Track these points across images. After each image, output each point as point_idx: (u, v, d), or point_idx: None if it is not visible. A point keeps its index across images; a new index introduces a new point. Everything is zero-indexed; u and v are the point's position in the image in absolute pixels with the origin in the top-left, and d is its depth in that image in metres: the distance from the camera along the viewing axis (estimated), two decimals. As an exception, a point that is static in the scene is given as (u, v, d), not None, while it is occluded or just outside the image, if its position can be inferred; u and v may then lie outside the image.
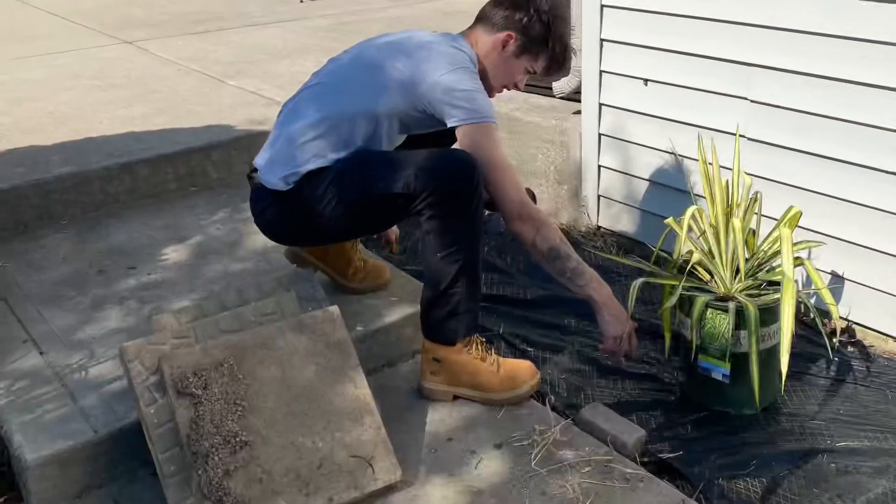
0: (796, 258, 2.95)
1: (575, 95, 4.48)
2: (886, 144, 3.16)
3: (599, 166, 4.29)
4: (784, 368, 2.71)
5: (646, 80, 3.96)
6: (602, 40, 4.11)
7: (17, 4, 8.73)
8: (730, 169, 3.27)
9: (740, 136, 3.46)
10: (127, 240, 3.85)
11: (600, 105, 4.19)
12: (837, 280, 3.44)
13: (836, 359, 3.31)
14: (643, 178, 4.09)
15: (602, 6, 4.05)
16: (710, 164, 3.21)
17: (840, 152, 3.31)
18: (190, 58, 6.33)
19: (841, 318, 3.42)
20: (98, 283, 3.49)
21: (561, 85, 4.56)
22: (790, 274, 2.79)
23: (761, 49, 3.47)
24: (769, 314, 2.90)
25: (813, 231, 3.43)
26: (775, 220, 3.25)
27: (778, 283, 2.92)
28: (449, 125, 2.88)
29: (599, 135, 4.23)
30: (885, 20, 3.05)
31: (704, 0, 3.61)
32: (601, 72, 4.15)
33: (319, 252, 3.36)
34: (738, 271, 3.04)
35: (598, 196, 4.34)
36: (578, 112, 4.39)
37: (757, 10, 3.43)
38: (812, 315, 3.18)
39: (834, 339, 3.34)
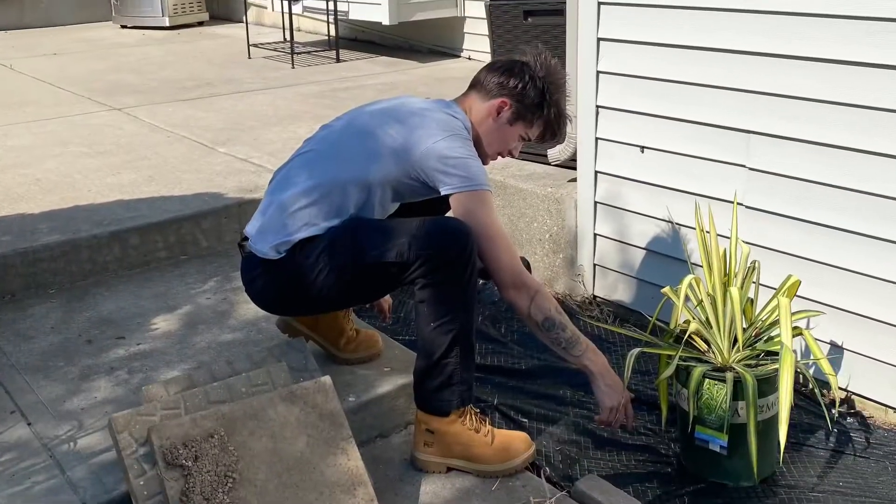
0: (795, 328, 2.98)
1: (570, 163, 4.50)
2: (886, 212, 3.20)
3: (595, 234, 4.31)
4: (783, 440, 2.73)
5: (642, 148, 3.99)
6: (598, 107, 4.14)
7: (3, 70, 8.80)
8: (728, 237, 3.31)
9: (738, 204, 3.50)
10: (116, 309, 3.87)
11: (596, 172, 4.23)
12: (837, 350, 3.46)
13: (836, 430, 3.33)
14: (640, 247, 4.11)
15: (598, 72, 4.10)
16: (707, 232, 3.25)
17: (839, 221, 3.34)
18: (179, 124, 6.37)
19: (840, 388, 3.45)
20: (87, 352, 3.50)
21: (556, 152, 4.58)
22: (789, 344, 2.82)
23: (760, 116, 3.50)
24: (767, 385, 2.92)
25: (812, 300, 3.45)
26: (774, 289, 3.28)
27: (776, 353, 2.94)
28: (443, 193, 2.91)
29: (595, 202, 4.26)
30: (886, 87, 3.10)
31: (702, 66, 3.66)
32: (597, 139, 4.19)
33: (311, 322, 3.38)
34: (735, 341, 3.06)
35: (594, 265, 4.36)
36: (574, 180, 4.42)
37: (756, 77, 3.48)
38: (811, 386, 3.20)
39: (833, 410, 3.36)
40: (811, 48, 3.28)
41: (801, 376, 3.43)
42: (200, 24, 11.96)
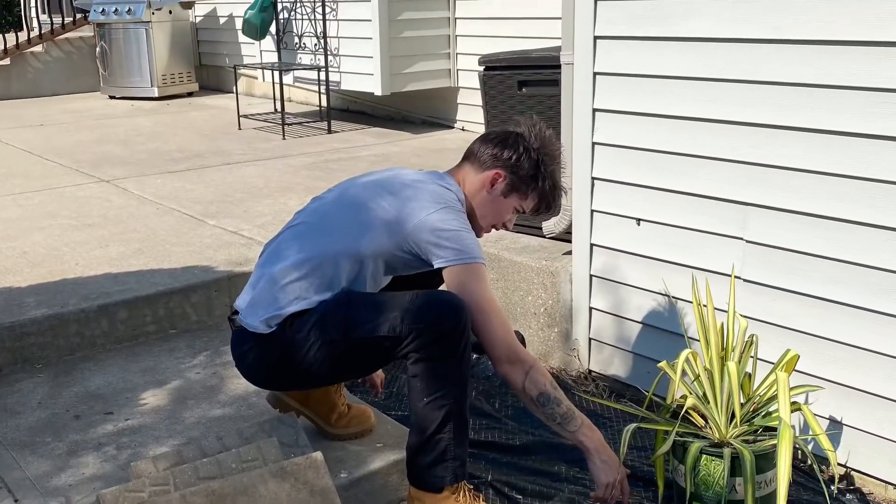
0: (793, 403, 3.00)
1: (565, 235, 4.53)
2: (885, 286, 3.23)
3: (590, 308, 4.34)
4: (781, 516, 2.75)
5: (638, 220, 4.03)
6: (593, 178, 4.18)
7: (-10, 142, 8.86)
8: (725, 311, 3.33)
9: (736, 277, 3.54)
10: (104, 384, 3.88)
11: (591, 245, 4.26)
12: (836, 425, 3.48)
13: (836, 507, 3.34)
14: (636, 321, 4.14)
15: (593, 143, 4.13)
16: (704, 306, 3.28)
17: (838, 294, 3.37)
18: (168, 196, 6.41)
19: (839, 464, 3.46)
20: (74, 428, 3.51)
21: (551, 224, 4.59)
22: (787, 419, 2.83)
23: (758, 188, 3.54)
24: (765, 461, 2.94)
25: (810, 375, 3.47)
26: (772, 363, 3.30)
27: (775, 429, 2.95)
28: (436, 266, 2.94)
29: (590, 276, 4.29)
30: (884, 158, 3.15)
31: (698, 137, 3.70)
32: (592, 211, 4.22)
33: (302, 396, 3.38)
34: (733, 416, 3.08)
35: (590, 339, 4.38)
36: (569, 252, 4.45)
37: (753, 148, 3.52)
38: (810, 461, 3.22)
39: (832, 487, 3.37)
40: (808, 119, 3.33)
41: (799, 452, 3.45)
42: (190, 94, 12.05)
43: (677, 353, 3.20)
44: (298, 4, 9.20)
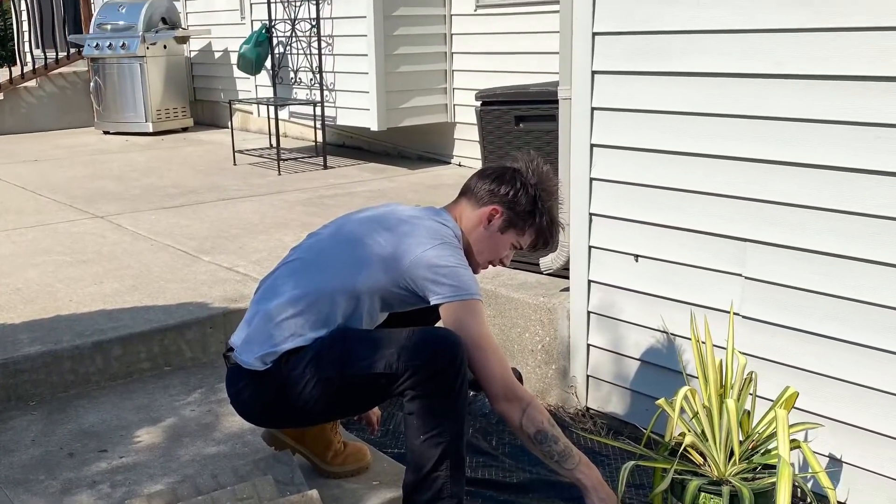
0: (793, 440, 3.01)
1: (563, 272, 4.53)
2: (885, 323, 3.23)
3: (588, 345, 4.34)
4: (781, 555, 2.75)
5: (636, 256, 4.03)
6: (591, 214, 4.18)
7: (-17, 178, 8.88)
8: (723, 348, 3.34)
9: (735, 314, 3.55)
10: (98, 421, 3.89)
11: (589, 282, 4.26)
12: (835, 463, 3.47)
13: (836, 546, 3.34)
14: (634, 358, 4.14)
15: (591, 179, 4.14)
16: (703, 343, 3.29)
17: (838, 331, 3.37)
18: (163, 232, 6.43)
19: (839, 502, 3.45)
20: (68, 466, 3.52)
21: (548, 261, 4.60)
22: (786, 457, 2.85)
23: (756, 224, 3.55)
24: (765, 499, 2.94)
25: (810, 412, 3.47)
26: (771, 400, 3.31)
27: (774, 467, 2.96)
28: (432, 302, 2.95)
29: (588, 313, 4.30)
30: (883, 194, 3.16)
31: (697, 173, 3.71)
32: (590, 247, 4.22)
33: (298, 434, 3.38)
34: (732, 454, 3.09)
35: (587, 376, 4.38)
36: (566, 289, 4.46)
37: (752, 184, 3.53)
38: (809, 500, 3.21)
39: (833, 525, 3.38)
40: (806, 154, 3.34)
41: (798, 490, 3.44)
42: (185, 129, 12.07)
43: (676, 390, 3.21)
44: (294, 39, 9.24)
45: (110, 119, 11.87)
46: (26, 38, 13.42)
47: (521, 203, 3.16)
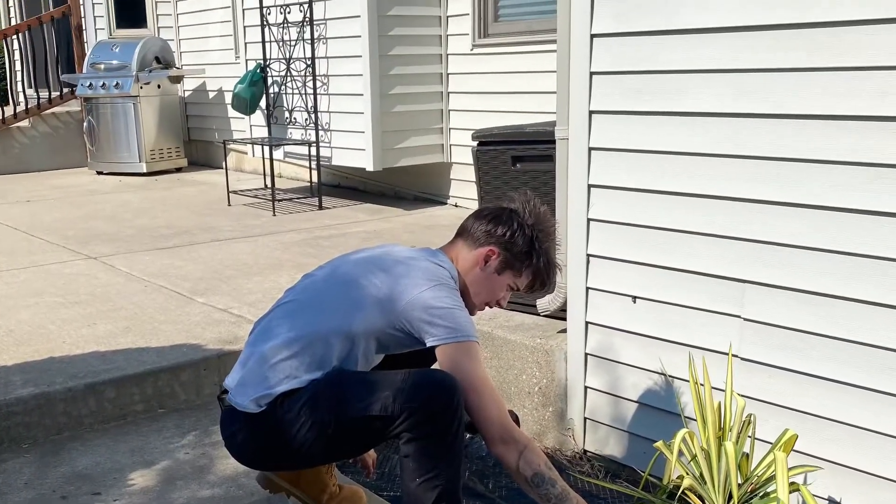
0: (792, 483, 3.01)
1: (560, 313, 4.52)
2: (885, 365, 3.24)
3: (586, 387, 4.33)
4: None
5: (634, 298, 4.03)
6: (589, 255, 4.17)
7: (-26, 219, 8.89)
8: (722, 390, 3.35)
9: (733, 355, 3.56)
10: (91, 464, 3.89)
11: (587, 323, 4.26)
12: (836, 507, 3.49)
13: (836, 590, 3.34)
14: (632, 400, 4.14)
15: (589, 220, 4.13)
16: (701, 385, 3.30)
17: (837, 373, 3.37)
18: (157, 274, 6.44)
19: (840, 546, 3.47)
20: (60, 510, 3.53)
21: (545, 302, 4.61)
22: (785, 500, 2.84)
23: (755, 265, 3.55)
24: (764, 542, 2.95)
25: (809, 455, 3.47)
26: (770, 443, 3.32)
27: (773, 510, 2.98)
28: (428, 344, 2.96)
29: (586, 354, 4.29)
30: (883, 235, 3.17)
31: (695, 213, 3.72)
32: (587, 288, 4.22)
33: (293, 477, 3.37)
34: (730, 497, 3.08)
35: (585, 418, 4.38)
36: (564, 331, 4.46)
37: (750, 224, 3.53)
38: (809, 543, 3.22)
39: (833, 569, 3.38)
40: (806, 195, 3.35)
41: (799, 534, 3.45)
42: (179, 170, 12.11)
43: (674, 432, 3.21)
44: (289, 78, 9.28)
45: (104, 159, 11.92)
46: (19, 77, 13.47)
47: (518, 244, 3.17)
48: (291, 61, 9.22)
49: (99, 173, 11.98)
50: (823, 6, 3.19)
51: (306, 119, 9.12)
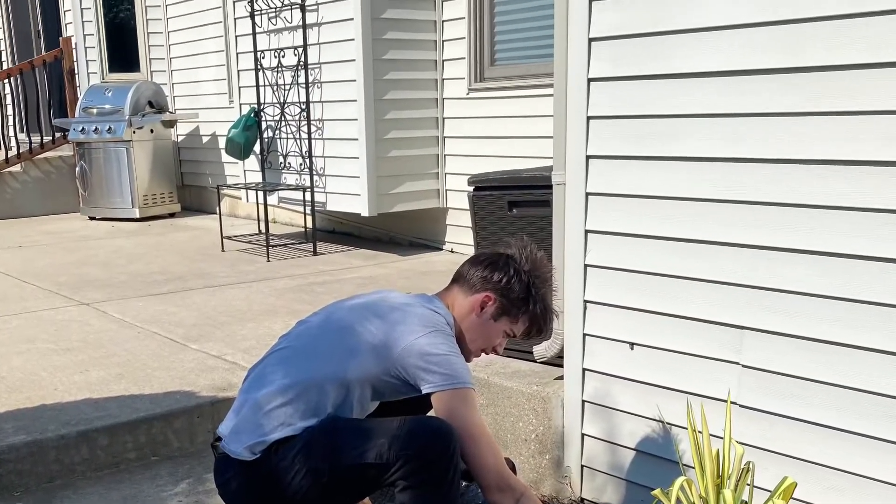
0: (791, 531, 3.02)
1: (557, 360, 4.50)
2: (886, 412, 3.24)
3: (583, 435, 4.33)
4: None
5: (632, 344, 4.03)
6: (586, 301, 4.17)
7: (-35, 265, 8.90)
8: (721, 437, 3.36)
9: (732, 402, 3.56)
10: (83, 512, 3.90)
11: (584, 370, 4.25)
12: (836, 555, 3.48)
13: None
14: (629, 448, 4.13)
15: (586, 266, 4.13)
16: (699, 432, 3.30)
17: (838, 420, 3.37)
18: (150, 320, 6.45)
19: None
20: (51, 559, 3.53)
21: (542, 349, 4.58)
22: (784, 548, 2.86)
23: (754, 311, 3.54)
24: (763, 591, 2.95)
25: (809, 503, 3.47)
26: (769, 490, 3.32)
27: (772, 558, 2.97)
28: (424, 391, 2.97)
29: (583, 401, 4.28)
30: (888, 282, 3.17)
31: (693, 259, 3.72)
32: (585, 335, 4.21)
33: (287, 525, 3.39)
34: (729, 545, 3.10)
35: (582, 466, 4.37)
36: (560, 377, 4.45)
37: (750, 271, 3.53)
38: (809, 593, 3.22)
39: None
40: (808, 241, 3.35)
41: (799, 583, 3.45)
42: (172, 215, 12.13)
43: (672, 480, 3.20)
44: (283, 123, 9.32)
45: (96, 204, 11.94)
46: (11, 121, 13.51)
47: (515, 290, 3.19)
48: (286, 105, 9.27)
49: (91, 219, 12.00)
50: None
51: (301, 164, 9.15)
